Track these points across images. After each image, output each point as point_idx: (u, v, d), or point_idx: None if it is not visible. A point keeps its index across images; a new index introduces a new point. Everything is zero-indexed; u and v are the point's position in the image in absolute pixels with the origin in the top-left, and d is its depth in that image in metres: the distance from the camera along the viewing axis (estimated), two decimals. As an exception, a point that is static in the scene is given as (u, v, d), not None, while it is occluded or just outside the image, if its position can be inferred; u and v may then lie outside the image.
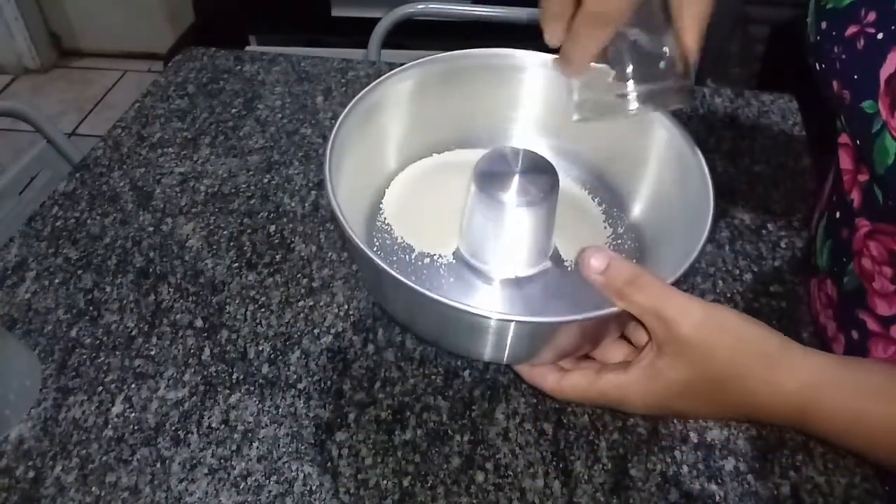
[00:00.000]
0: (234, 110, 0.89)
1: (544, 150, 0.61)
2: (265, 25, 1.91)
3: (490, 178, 0.49)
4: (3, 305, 0.67)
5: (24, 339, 0.64)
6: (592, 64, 0.48)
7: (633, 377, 0.46)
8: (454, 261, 0.55)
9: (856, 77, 0.49)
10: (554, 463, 0.55)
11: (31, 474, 0.55)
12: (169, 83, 0.93)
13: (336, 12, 1.81)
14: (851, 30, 0.50)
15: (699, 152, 0.52)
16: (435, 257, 0.56)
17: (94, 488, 0.54)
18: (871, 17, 0.48)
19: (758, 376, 0.43)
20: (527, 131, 0.63)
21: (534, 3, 1.28)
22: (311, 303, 0.67)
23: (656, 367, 0.44)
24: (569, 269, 0.55)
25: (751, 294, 0.67)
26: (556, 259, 0.55)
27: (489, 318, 0.42)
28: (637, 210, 0.60)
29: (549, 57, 0.57)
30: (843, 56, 0.50)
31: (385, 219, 0.59)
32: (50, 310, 0.66)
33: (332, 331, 0.64)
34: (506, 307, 0.53)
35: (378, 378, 0.61)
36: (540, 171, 0.50)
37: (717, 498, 0.53)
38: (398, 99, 0.59)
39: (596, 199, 0.61)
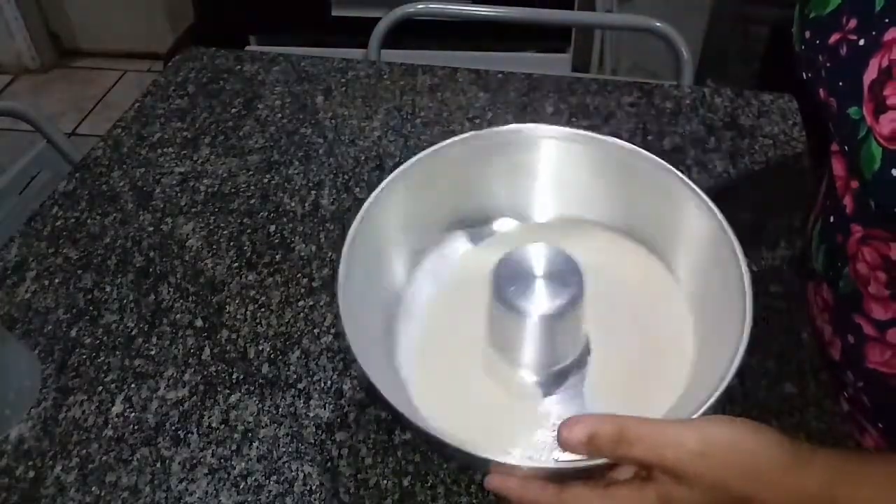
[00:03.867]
0: (234, 110, 0.89)
1: (566, 225, 0.57)
2: (265, 25, 1.91)
3: (510, 283, 0.45)
4: (3, 305, 0.67)
5: (24, 339, 0.64)
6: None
7: (646, 498, 0.42)
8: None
9: (840, 84, 0.49)
10: (554, 463, 0.55)
11: (31, 474, 0.55)
12: (169, 83, 0.93)
13: (336, 12, 1.81)
14: (834, 37, 0.49)
15: (734, 239, 0.48)
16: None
17: (94, 488, 0.54)
18: (853, 23, 0.48)
19: (779, 485, 0.41)
20: (544, 205, 0.58)
21: (534, 4, 1.28)
22: (311, 302, 0.67)
23: (673, 495, 0.41)
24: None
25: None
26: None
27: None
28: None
29: (557, 129, 0.54)
30: (828, 64, 0.50)
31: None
32: (50, 310, 0.66)
33: (332, 331, 0.64)
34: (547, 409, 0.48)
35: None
36: (563, 272, 0.46)
37: None
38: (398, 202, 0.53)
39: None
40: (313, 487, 0.54)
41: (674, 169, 0.50)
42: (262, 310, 0.66)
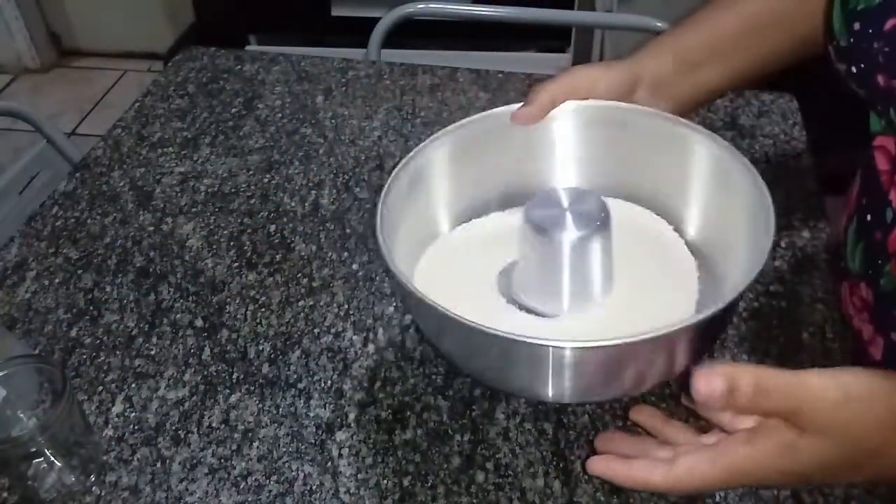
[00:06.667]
0: (234, 110, 0.89)
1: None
2: (265, 25, 1.91)
3: (542, 220, 0.49)
4: (3, 305, 0.67)
5: (24, 339, 0.64)
6: None
7: (767, 450, 0.41)
8: (511, 306, 0.54)
9: None
10: (554, 462, 0.55)
11: (32, 472, 0.55)
12: (169, 83, 0.93)
13: (336, 12, 1.81)
14: (891, 23, 0.50)
15: (746, 160, 0.52)
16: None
17: (94, 488, 0.54)
18: None
19: None
20: (567, 175, 0.62)
21: (534, 4, 1.28)
22: (312, 302, 0.67)
23: (797, 446, 0.40)
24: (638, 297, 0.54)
25: (751, 294, 0.67)
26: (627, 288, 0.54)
27: (563, 347, 0.42)
28: (692, 231, 0.59)
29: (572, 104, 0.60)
30: (886, 49, 0.50)
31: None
32: (50, 310, 0.66)
33: (332, 331, 0.64)
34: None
35: (378, 378, 0.60)
36: (588, 203, 0.50)
37: (717, 498, 0.53)
38: (440, 164, 0.59)
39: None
40: (313, 487, 0.54)
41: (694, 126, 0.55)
42: (263, 310, 0.66)
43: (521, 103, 0.59)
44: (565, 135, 0.61)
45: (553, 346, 0.42)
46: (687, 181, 0.58)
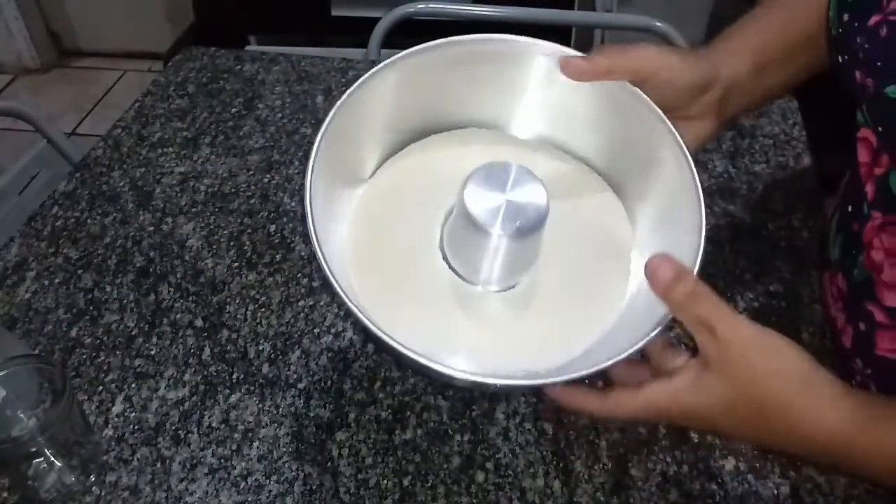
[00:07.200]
0: (234, 110, 0.89)
1: (545, 143, 0.58)
2: (265, 25, 1.91)
3: (478, 210, 0.47)
4: (3, 305, 0.67)
5: (24, 339, 0.64)
6: None
7: (679, 387, 0.44)
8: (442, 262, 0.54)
9: (878, 64, 0.50)
10: (554, 463, 0.55)
11: (32, 472, 0.55)
12: (169, 83, 0.93)
13: (336, 12, 1.81)
14: (874, 19, 0.50)
15: (698, 183, 0.48)
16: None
17: (94, 488, 0.54)
18: (894, 5, 0.49)
19: (801, 406, 0.42)
20: (528, 120, 0.58)
21: (534, 4, 1.28)
22: (311, 302, 0.67)
23: (703, 381, 0.43)
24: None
25: (751, 294, 0.67)
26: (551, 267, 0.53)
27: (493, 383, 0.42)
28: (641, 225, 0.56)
29: (558, 48, 0.55)
30: (866, 45, 0.51)
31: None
32: (50, 310, 0.66)
33: (332, 330, 0.64)
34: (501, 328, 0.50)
35: (378, 378, 0.61)
36: (529, 193, 0.48)
37: (717, 498, 0.53)
38: (385, 93, 0.54)
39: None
40: (313, 487, 0.54)
41: (664, 117, 0.50)
42: (263, 310, 0.66)
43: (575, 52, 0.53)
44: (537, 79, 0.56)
45: (457, 374, 0.42)
46: (644, 172, 0.54)
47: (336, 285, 0.42)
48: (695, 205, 0.48)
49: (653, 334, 0.43)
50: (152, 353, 0.63)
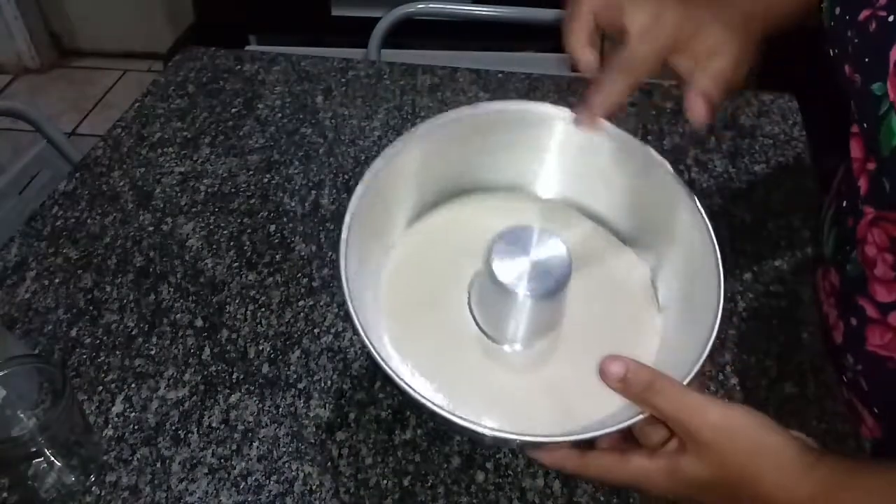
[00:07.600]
0: (234, 110, 0.89)
1: (565, 209, 0.59)
2: (265, 25, 1.91)
3: (503, 271, 0.48)
4: (3, 305, 0.67)
5: (24, 338, 0.64)
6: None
7: (658, 466, 0.45)
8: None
9: (866, 60, 0.50)
10: (554, 463, 0.55)
11: (32, 472, 0.55)
12: (169, 83, 0.93)
13: (336, 12, 1.81)
14: (864, 14, 0.50)
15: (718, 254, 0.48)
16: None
17: (94, 488, 0.54)
18: (884, 0, 0.49)
19: (771, 481, 0.43)
20: (550, 182, 0.59)
21: (533, 4, 1.28)
22: (311, 302, 0.67)
23: (679, 463, 0.44)
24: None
25: (751, 294, 0.67)
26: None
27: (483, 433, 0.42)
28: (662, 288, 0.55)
29: (568, 112, 0.54)
30: (856, 40, 0.51)
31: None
32: (50, 309, 0.66)
33: (332, 330, 0.64)
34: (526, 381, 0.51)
35: (378, 378, 0.60)
36: (552, 254, 0.49)
37: None
38: (409, 163, 0.55)
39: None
40: (313, 487, 0.54)
41: (680, 181, 0.51)
42: (263, 310, 0.66)
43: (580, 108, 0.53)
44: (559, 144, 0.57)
45: (482, 430, 0.43)
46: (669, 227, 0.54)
47: (373, 351, 0.43)
48: (713, 269, 0.48)
49: (639, 417, 0.43)
50: (152, 353, 0.63)
